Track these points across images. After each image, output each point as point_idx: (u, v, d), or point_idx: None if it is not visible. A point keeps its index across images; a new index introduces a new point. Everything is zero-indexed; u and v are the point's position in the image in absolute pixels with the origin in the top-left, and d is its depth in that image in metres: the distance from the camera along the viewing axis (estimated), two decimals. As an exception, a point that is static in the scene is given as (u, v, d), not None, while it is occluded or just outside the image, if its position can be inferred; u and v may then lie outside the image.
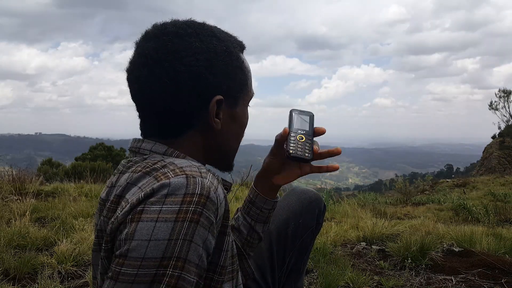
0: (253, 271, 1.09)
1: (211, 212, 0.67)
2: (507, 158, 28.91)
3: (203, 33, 0.82)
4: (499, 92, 32.99)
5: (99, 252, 0.78)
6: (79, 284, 2.15)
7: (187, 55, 0.78)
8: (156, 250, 0.63)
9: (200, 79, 0.79)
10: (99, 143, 21.07)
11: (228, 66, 0.83)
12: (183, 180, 0.67)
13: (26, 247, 2.58)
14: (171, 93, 0.79)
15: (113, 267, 0.65)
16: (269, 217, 1.12)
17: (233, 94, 0.86)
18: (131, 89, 0.85)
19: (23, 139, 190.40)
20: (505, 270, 2.35)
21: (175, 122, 0.82)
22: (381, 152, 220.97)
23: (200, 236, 0.66)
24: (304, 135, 0.95)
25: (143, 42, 0.83)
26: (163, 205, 0.65)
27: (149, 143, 0.82)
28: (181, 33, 0.80)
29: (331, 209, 4.66)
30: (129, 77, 0.84)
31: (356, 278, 2.27)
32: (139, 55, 0.82)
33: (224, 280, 0.78)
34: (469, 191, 13.37)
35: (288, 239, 1.30)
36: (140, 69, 0.80)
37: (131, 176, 0.75)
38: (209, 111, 0.82)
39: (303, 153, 0.93)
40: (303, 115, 0.99)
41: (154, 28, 0.83)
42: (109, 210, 0.76)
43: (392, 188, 14.23)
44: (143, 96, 0.82)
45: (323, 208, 1.38)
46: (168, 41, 0.79)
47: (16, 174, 4.95)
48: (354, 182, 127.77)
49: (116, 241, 0.68)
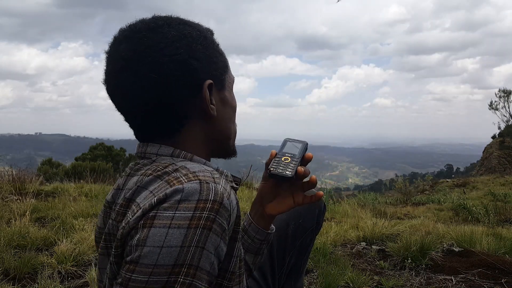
0: (251, 268, 1.08)
1: (223, 219, 0.66)
2: (507, 158, 28.91)
3: (173, 22, 0.80)
4: (499, 92, 33.01)
5: (107, 256, 0.77)
6: (79, 284, 2.15)
7: (166, 46, 0.75)
8: (169, 257, 0.62)
9: (185, 66, 0.77)
10: (99, 143, 21.07)
11: (208, 49, 0.81)
12: (197, 186, 0.66)
13: (26, 247, 2.58)
14: (161, 87, 0.76)
15: (123, 273, 0.64)
16: (261, 249, 1.05)
17: (218, 77, 0.84)
18: (115, 101, 0.81)
19: (23, 139, 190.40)
20: (505, 270, 2.35)
21: (170, 117, 0.79)
22: (381, 152, 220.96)
23: (213, 243, 0.65)
24: (290, 157, 0.93)
25: (114, 47, 0.79)
26: (176, 211, 0.64)
27: (154, 146, 0.80)
28: (153, 26, 0.78)
29: (331, 209, 4.66)
30: (109, 88, 0.80)
31: (356, 278, 2.27)
32: (114, 61, 0.78)
33: (233, 285, 0.77)
34: (469, 191, 13.37)
35: (288, 239, 1.30)
36: (120, 74, 0.77)
37: (141, 179, 0.74)
38: (203, 97, 0.80)
39: (283, 170, 0.91)
40: (296, 143, 0.98)
41: (122, 31, 0.80)
42: (118, 214, 0.74)
43: (392, 188, 14.24)
44: (131, 102, 0.78)
45: (323, 208, 1.38)
46: (142, 37, 0.76)
47: (16, 174, 4.95)
48: (354, 182, 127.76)
49: (127, 247, 0.66)
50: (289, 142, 0.98)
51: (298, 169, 0.91)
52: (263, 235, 1.03)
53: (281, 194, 1.00)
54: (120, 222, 0.72)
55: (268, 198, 1.01)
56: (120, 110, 0.83)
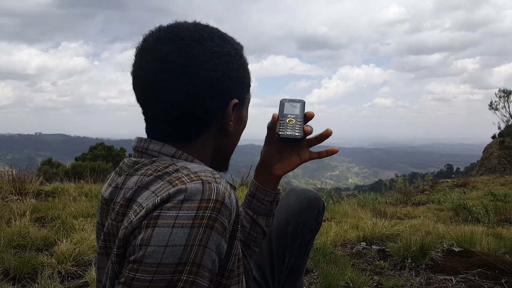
0: (252, 268, 1.09)
1: (225, 218, 0.67)
2: (507, 158, 28.92)
3: (216, 36, 0.81)
4: (499, 92, 33.03)
5: (106, 256, 0.78)
6: (79, 284, 2.15)
7: (206, 60, 0.77)
8: (173, 256, 0.63)
9: (219, 84, 0.79)
10: (99, 143, 21.08)
11: (239, 69, 0.84)
12: (199, 186, 0.67)
13: (26, 247, 2.58)
14: (192, 98, 0.77)
15: (127, 273, 0.65)
16: (272, 210, 1.09)
17: (242, 96, 0.87)
18: (143, 94, 0.82)
19: (23, 139, 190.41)
20: (505, 270, 2.35)
21: (191, 125, 0.81)
22: (381, 152, 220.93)
23: (214, 241, 0.66)
24: (294, 118, 0.96)
25: (153, 45, 0.79)
26: (179, 210, 0.65)
27: (157, 144, 0.81)
28: (197, 37, 0.78)
29: (331, 209, 4.66)
30: (139, 82, 0.81)
31: (356, 278, 2.27)
32: (154, 59, 0.78)
33: (231, 284, 0.78)
34: (469, 191, 13.38)
35: (287, 238, 1.30)
36: (157, 73, 0.77)
37: (142, 179, 0.74)
38: (227, 115, 0.83)
39: (292, 132, 0.93)
40: (293, 102, 0.99)
41: (164, 31, 0.80)
42: (118, 214, 0.74)
43: (392, 188, 14.24)
44: (161, 101, 0.79)
45: (322, 208, 1.38)
46: (186, 45, 0.77)
47: (16, 174, 4.95)
48: (354, 182, 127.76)
49: (130, 246, 0.67)
50: (287, 102, 1.00)
51: (305, 128, 0.94)
52: (272, 196, 1.07)
53: (287, 154, 1.04)
54: (120, 222, 0.72)
55: (273, 160, 1.05)
56: (144, 103, 0.83)
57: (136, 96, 0.84)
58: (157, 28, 0.82)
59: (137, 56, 0.81)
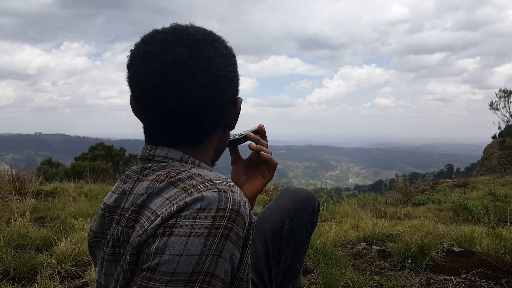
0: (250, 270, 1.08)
1: (239, 227, 0.68)
2: (508, 158, 28.90)
3: (218, 39, 0.83)
4: (499, 92, 33.01)
5: (115, 262, 0.77)
6: (79, 284, 2.15)
7: (222, 61, 0.79)
8: (187, 265, 0.63)
9: (233, 83, 0.83)
10: (98, 143, 21.06)
11: (236, 68, 0.87)
12: (216, 195, 0.67)
13: (26, 247, 2.58)
14: (214, 99, 0.77)
15: (139, 281, 0.65)
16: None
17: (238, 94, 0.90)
18: (163, 98, 0.74)
19: (23, 139, 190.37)
20: (505, 270, 2.35)
21: (208, 127, 0.82)
22: (381, 152, 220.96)
23: (228, 251, 0.66)
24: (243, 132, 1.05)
25: (168, 48, 0.75)
26: (196, 219, 0.65)
27: (163, 149, 0.80)
28: (210, 39, 0.80)
29: (331, 209, 4.66)
30: (148, 88, 0.75)
31: (356, 278, 2.26)
32: (171, 62, 0.73)
33: None
34: (469, 191, 13.36)
35: (283, 238, 1.29)
36: (178, 76, 0.73)
37: (153, 185, 0.73)
38: (237, 113, 0.87)
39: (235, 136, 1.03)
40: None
41: (175, 35, 0.77)
42: (129, 220, 0.73)
43: (392, 188, 14.22)
44: (181, 104, 0.74)
45: (317, 206, 1.38)
46: (203, 48, 0.76)
47: (16, 174, 4.95)
48: (354, 182, 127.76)
49: (143, 254, 0.67)
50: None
51: (248, 134, 1.01)
52: None
53: (251, 175, 1.05)
54: (131, 229, 0.72)
55: (241, 181, 1.05)
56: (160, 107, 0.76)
57: (138, 104, 0.80)
58: (158, 32, 0.79)
59: (141, 61, 0.75)
